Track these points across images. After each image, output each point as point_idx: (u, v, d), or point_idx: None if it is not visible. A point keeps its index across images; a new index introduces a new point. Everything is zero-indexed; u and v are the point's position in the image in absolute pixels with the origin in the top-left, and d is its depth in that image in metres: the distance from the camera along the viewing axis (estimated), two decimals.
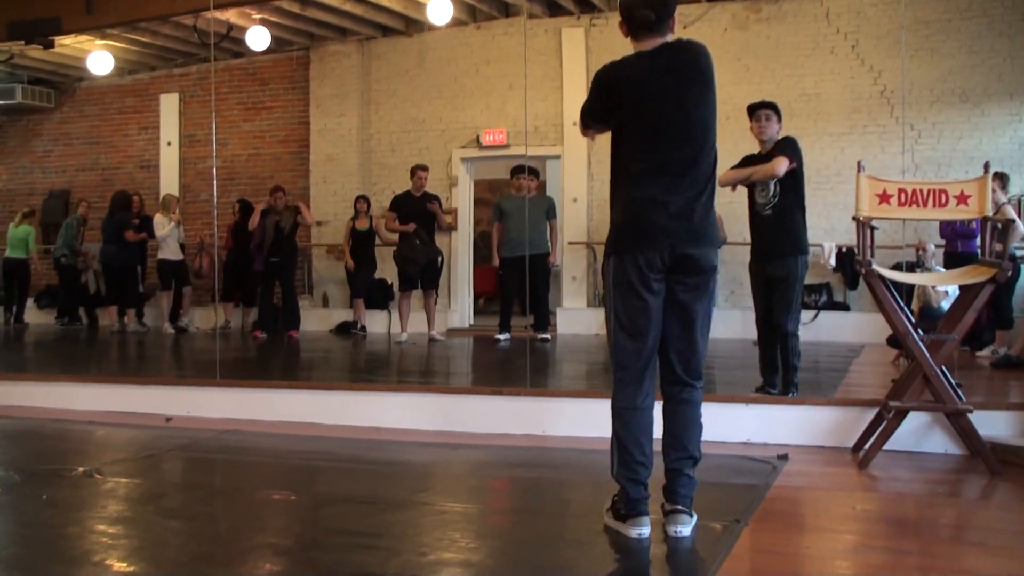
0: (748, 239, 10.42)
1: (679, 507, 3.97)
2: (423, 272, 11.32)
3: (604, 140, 4.18)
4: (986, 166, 5.57)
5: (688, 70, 4.02)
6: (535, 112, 13.23)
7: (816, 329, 11.31)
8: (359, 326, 12.81)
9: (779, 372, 6.54)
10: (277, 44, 13.74)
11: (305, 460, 5.98)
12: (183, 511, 4.79)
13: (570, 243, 13.03)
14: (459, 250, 13.82)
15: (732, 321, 11.75)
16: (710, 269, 3.96)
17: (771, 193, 6.50)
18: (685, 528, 3.92)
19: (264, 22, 12.89)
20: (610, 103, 4.04)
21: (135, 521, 4.55)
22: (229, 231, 13.34)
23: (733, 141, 12.06)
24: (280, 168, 14.75)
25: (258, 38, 12.89)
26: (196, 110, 15.22)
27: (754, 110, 6.77)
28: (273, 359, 10.56)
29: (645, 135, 3.95)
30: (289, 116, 14.97)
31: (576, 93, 13.17)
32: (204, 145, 14.98)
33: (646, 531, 3.91)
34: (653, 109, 3.93)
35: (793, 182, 6.51)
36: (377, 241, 12.73)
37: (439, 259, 11.60)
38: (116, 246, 13.16)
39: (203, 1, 10.28)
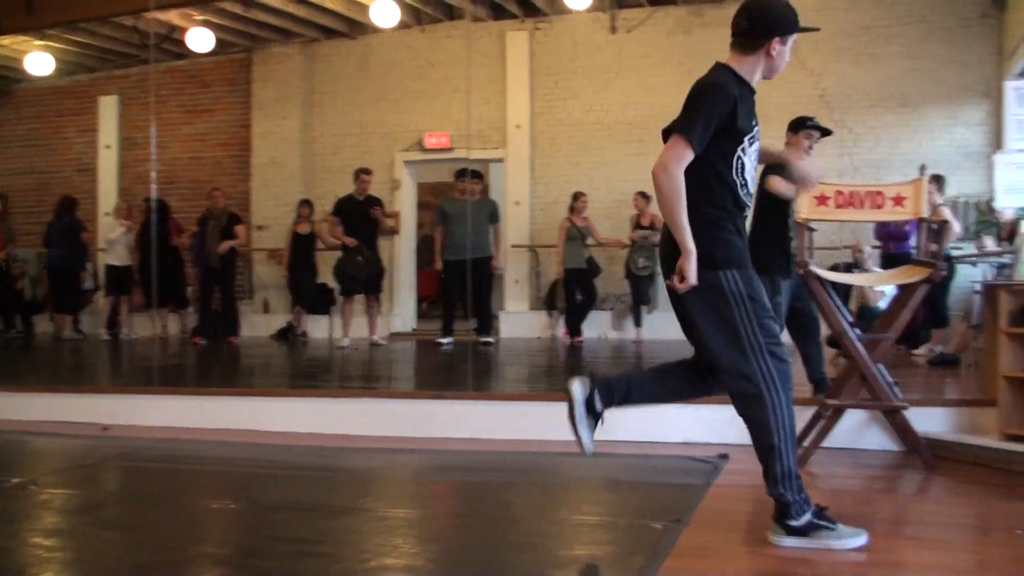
0: None
1: None
2: (366, 278, 11.29)
3: (550, 147, 4.17)
4: (922, 168, 5.65)
5: None
6: (479, 115, 13.24)
7: None
8: (300, 331, 12.73)
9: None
10: (219, 46, 13.58)
11: (245, 468, 5.90)
12: (121, 521, 4.70)
13: (513, 246, 13.05)
14: (402, 254, 13.78)
15: (673, 323, 11.81)
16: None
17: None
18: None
19: (206, 23, 12.76)
20: None
21: (72, 533, 4.46)
22: (138, 233, 13.00)
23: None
24: (221, 172, 14.61)
25: (200, 40, 12.76)
26: (136, 113, 15.00)
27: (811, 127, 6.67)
28: (212, 366, 10.44)
29: None
30: (230, 119, 14.83)
31: (519, 96, 13.22)
32: (143, 148, 14.75)
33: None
34: None
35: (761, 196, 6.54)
36: (319, 245, 12.64)
37: (381, 273, 11.56)
38: (64, 250, 12.96)
39: (144, 2, 10.17)
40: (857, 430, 5.74)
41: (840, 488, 5.10)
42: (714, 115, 3.80)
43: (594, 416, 4.20)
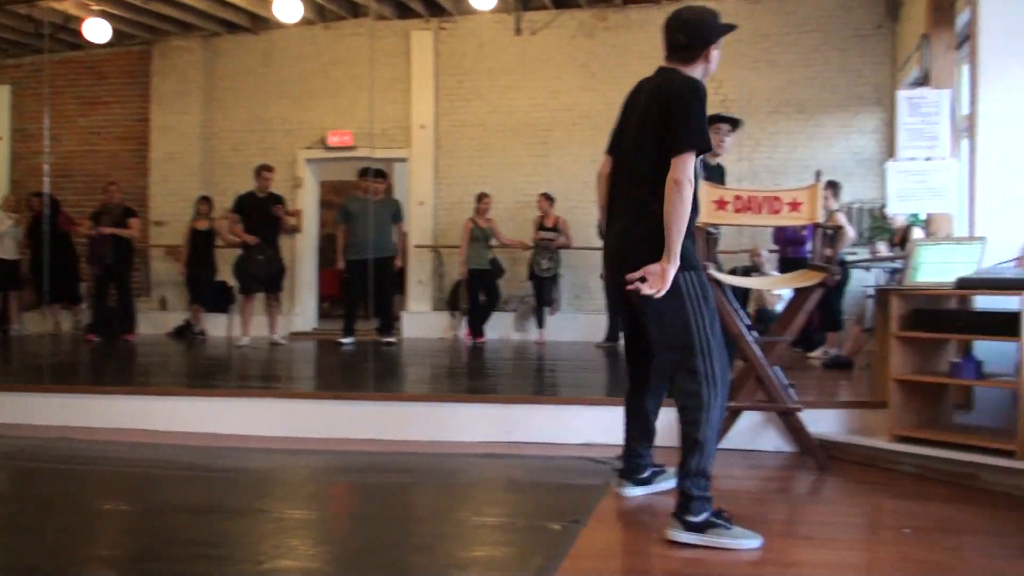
0: (591, 244, 10.58)
1: None
2: (266, 277, 11.16)
3: (454, 148, 4.17)
4: (817, 174, 5.76)
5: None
6: (383, 114, 13.17)
7: None
8: (199, 330, 12.52)
9: None
10: (117, 37, 13.25)
11: (140, 468, 5.77)
12: (8, 523, 4.57)
13: (416, 246, 13.00)
14: (304, 252, 13.63)
15: (576, 325, 11.95)
16: None
17: None
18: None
19: (104, 14, 12.45)
20: None
21: None
22: (28, 227, 12.63)
23: (579, 145, 12.36)
24: (118, 166, 14.25)
25: (97, 30, 12.43)
26: (29, 103, 14.56)
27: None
28: (107, 363, 10.20)
29: None
30: (128, 112, 14.48)
31: (424, 95, 13.18)
32: (37, 140, 14.32)
33: None
34: None
35: None
36: (219, 242, 12.44)
37: (282, 272, 11.43)
38: None
39: None
40: (753, 431, 5.83)
41: (736, 488, 5.17)
42: (704, 118, 4.01)
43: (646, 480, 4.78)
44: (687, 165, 3.85)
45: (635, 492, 4.77)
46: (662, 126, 3.97)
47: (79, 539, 4.24)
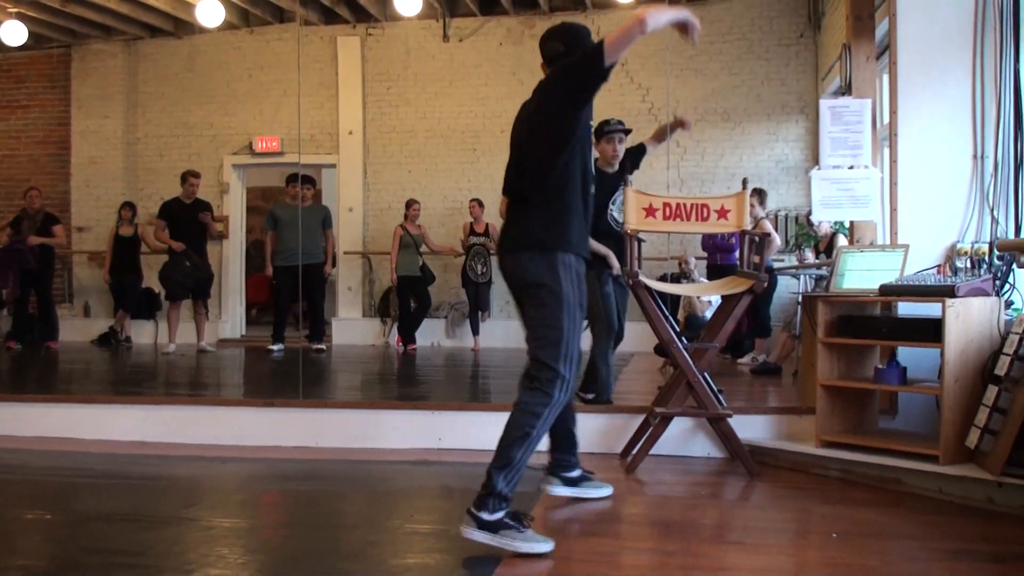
0: None
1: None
2: (194, 284, 11.02)
3: (383, 154, 4.17)
4: (744, 182, 5.83)
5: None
6: (310, 120, 13.09)
7: (585, 337, 11.57)
8: (124, 337, 12.32)
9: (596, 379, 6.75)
10: (35, 40, 13.02)
11: (62, 477, 5.66)
12: None
13: (346, 252, 12.93)
14: (231, 259, 13.48)
15: (508, 331, 11.93)
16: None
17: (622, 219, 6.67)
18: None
19: (20, 16, 12.21)
20: None
21: None
22: None
23: (507, 151, 12.35)
24: (38, 171, 13.98)
25: (13, 33, 12.20)
26: None
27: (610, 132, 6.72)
28: (29, 371, 9.99)
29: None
30: (48, 116, 14.22)
31: (352, 101, 13.13)
32: None
33: None
34: None
35: None
36: (144, 249, 12.25)
37: (209, 278, 11.29)
38: None
39: None
40: (683, 437, 5.87)
41: (667, 494, 5.21)
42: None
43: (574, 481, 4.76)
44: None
45: (562, 492, 4.79)
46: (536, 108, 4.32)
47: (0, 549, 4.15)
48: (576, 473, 4.83)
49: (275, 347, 10.93)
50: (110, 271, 12.27)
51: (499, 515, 3.89)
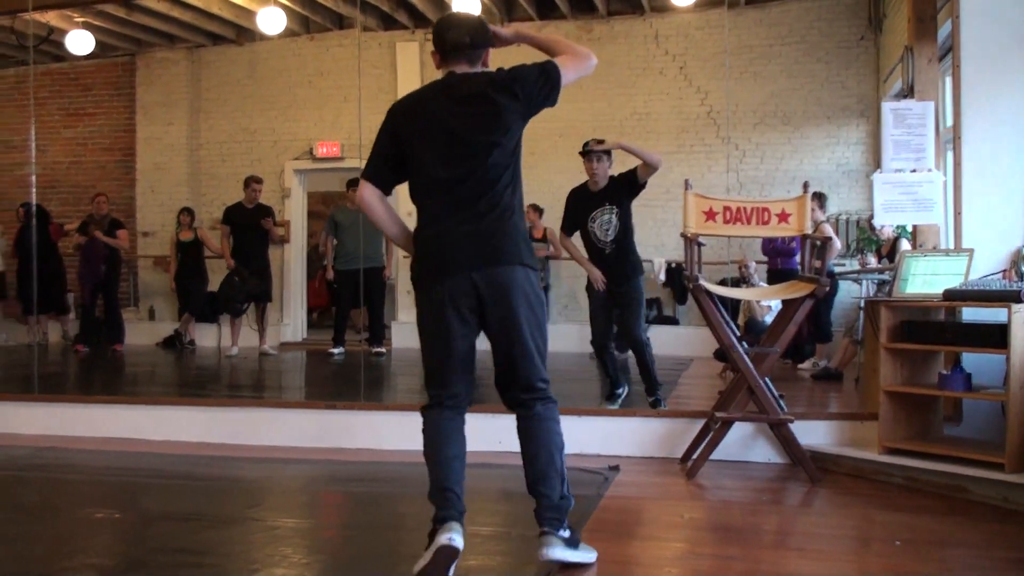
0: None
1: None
2: (246, 298, 11.16)
3: None
4: (805, 186, 5.80)
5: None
6: (370, 125, 12.96)
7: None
8: (188, 340, 12.49)
9: (621, 384, 7.07)
10: (101, 49, 13.24)
11: (130, 477, 5.77)
12: None
13: (405, 256, 12.91)
14: (292, 263, 13.61)
15: (568, 336, 11.92)
16: None
17: (611, 236, 6.92)
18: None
19: (87, 26, 12.43)
20: None
21: None
22: (14, 239, 12.62)
23: (565, 156, 12.37)
24: (104, 177, 14.23)
25: (80, 42, 12.40)
26: (12, 114, 14.47)
27: (587, 152, 7.03)
28: (96, 373, 10.18)
29: None
30: (114, 123, 14.48)
31: None
32: (21, 151, 14.26)
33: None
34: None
35: (627, 216, 6.96)
36: (207, 252, 12.42)
37: (265, 290, 11.38)
38: None
39: (21, 2, 9.86)
40: (744, 442, 5.85)
41: (727, 499, 5.20)
42: None
43: None
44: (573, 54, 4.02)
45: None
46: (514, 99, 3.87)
47: (70, 547, 4.24)
48: None
49: (336, 350, 11.02)
50: (175, 275, 12.46)
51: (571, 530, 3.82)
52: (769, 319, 8.57)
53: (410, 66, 13.23)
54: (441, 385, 3.89)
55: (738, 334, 5.85)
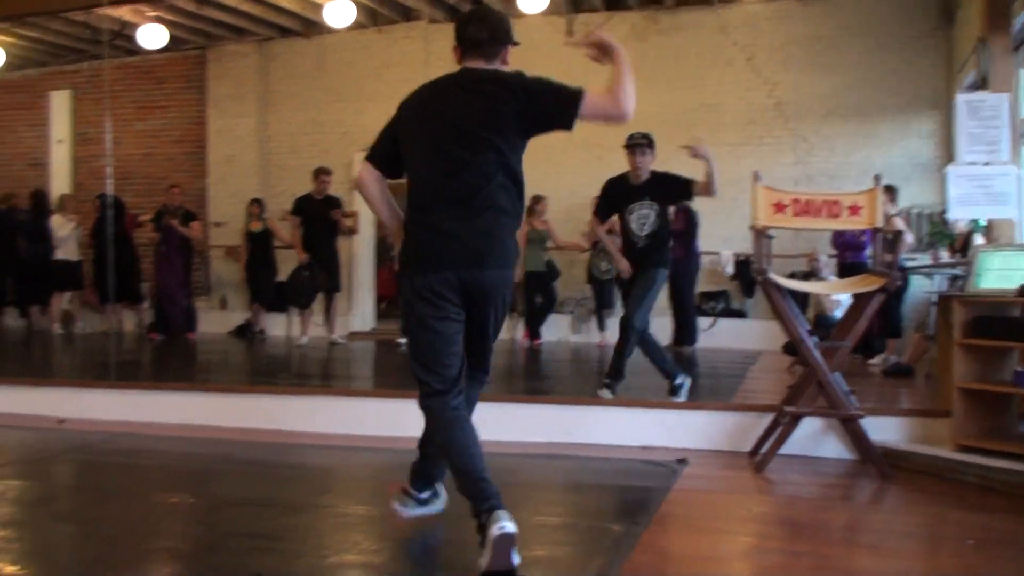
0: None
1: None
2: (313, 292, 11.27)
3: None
4: (876, 179, 5.72)
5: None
6: None
7: (714, 336, 11.53)
8: (258, 329, 12.66)
9: (677, 373, 6.94)
10: (173, 43, 13.44)
11: (203, 463, 5.88)
12: (76, 514, 4.69)
13: None
14: (361, 253, 13.73)
15: None
16: None
17: (646, 231, 6.96)
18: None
19: (159, 20, 12.64)
20: None
21: (27, 524, 4.44)
22: (91, 229, 12.88)
23: None
24: (176, 168, 14.48)
25: (152, 36, 12.62)
26: (88, 108, 14.83)
27: (632, 145, 7.07)
28: (169, 361, 10.37)
29: None
30: (185, 116, 14.72)
31: None
32: (97, 144, 14.50)
33: None
34: None
35: (665, 214, 7.04)
36: (277, 243, 12.57)
37: (333, 283, 11.48)
38: (37, 243, 12.86)
39: None
40: (813, 438, 5.80)
41: (796, 494, 5.17)
42: None
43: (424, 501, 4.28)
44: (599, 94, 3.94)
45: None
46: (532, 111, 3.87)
47: (144, 531, 4.33)
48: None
49: (404, 340, 11.09)
50: (246, 265, 12.63)
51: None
52: (838, 314, 8.48)
53: None
54: (440, 373, 3.83)
55: (808, 328, 5.80)
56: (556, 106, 3.87)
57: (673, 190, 6.96)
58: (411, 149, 3.92)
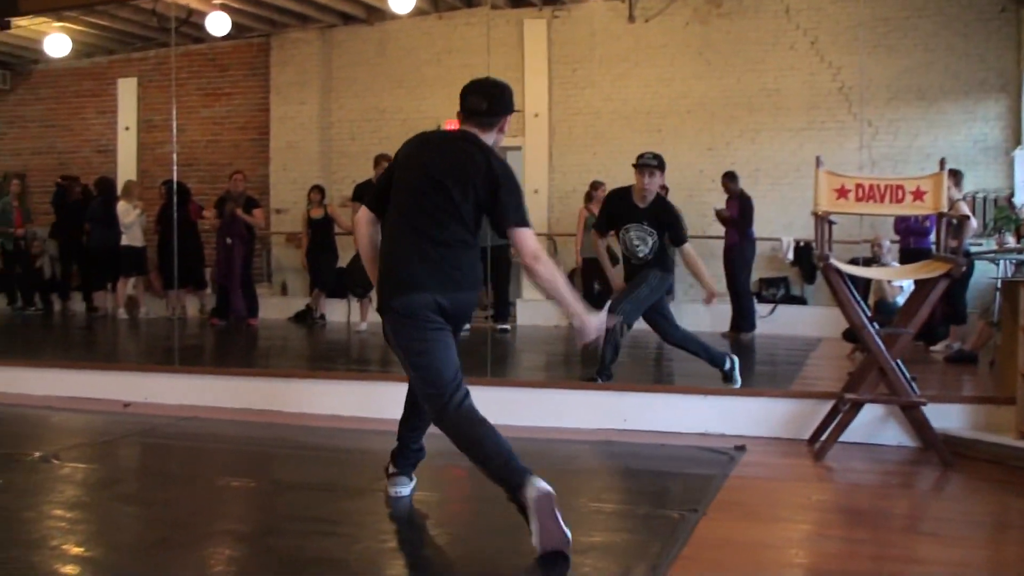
0: (707, 232, 10.52)
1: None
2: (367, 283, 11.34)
3: (568, 136, 4.17)
4: (941, 163, 5.64)
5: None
6: None
7: (773, 322, 11.44)
8: (318, 314, 12.77)
9: (724, 359, 6.92)
10: (237, 30, 13.62)
11: (264, 447, 5.96)
12: (141, 497, 4.78)
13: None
14: None
15: (695, 314, 11.83)
16: None
17: (641, 253, 6.92)
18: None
19: (224, 7, 12.77)
20: None
21: (92, 506, 4.53)
22: (156, 215, 13.03)
23: (694, 132, 12.29)
24: (239, 155, 14.64)
25: (218, 23, 12.76)
26: (154, 95, 15.02)
27: (642, 165, 7.00)
28: (231, 346, 10.51)
29: None
30: (249, 103, 14.86)
31: (538, 84, 13.23)
32: (162, 131, 14.74)
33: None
34: None
35: (663, 241, 6.94)
36: (337, 229, 12.67)
37: None
38: (104, 229, 13.08)
39: None
40: (874, 425, 5.73)
41: (856, 482, 5.12)
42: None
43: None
44: (533, 238, 4.14)
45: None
46: (489, 198, 4.06)
47: (207, 513, 4.41)
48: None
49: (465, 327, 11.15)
50: (307, 252, 12.73)
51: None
52: (900, 300, 8.38)
53: (537, 43, 13.26)
54: (456, 377, 4.12)
55: (869, 314, 5.74)
56: (511, 198, 4.11)
57: (668, 230, 6.93)
58: (397, 187, 4.18)
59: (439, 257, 4.02)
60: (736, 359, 6.90)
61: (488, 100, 4.15)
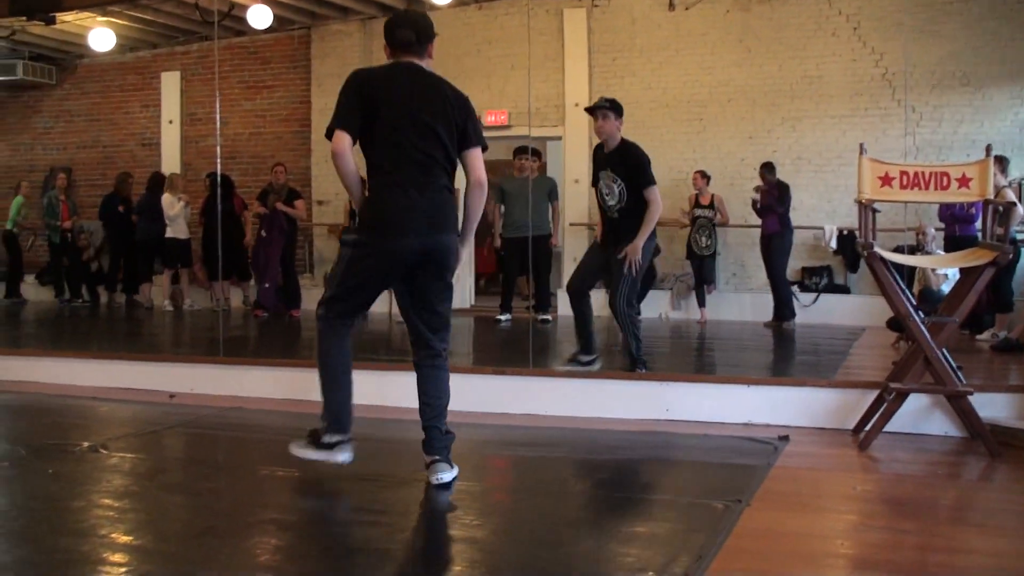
0: (748, 221, 10.46)
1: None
2: None
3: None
4: (987, 149, 5.58)
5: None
6: (537, 93, 13.22)
7: (817, 312, 11.37)
8: None
9: (591, 345, 7.03)
10: (278, 23, 13.67)
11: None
12: (187, 486, 4.83)
13: (571, 224, 13.02)
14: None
15: (738, 304, 11.79)
16: None
17: (612, 203, 6.87)
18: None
19: (265, 0, 12.85)
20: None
21: (140, 495, 4.59)
22: (200, 208, 13.15)
23: (735, 121, 12.21)
24: (281, 147, 14.71)
25: (259, 16, 12.85)
26: (197, 88, 15.17)
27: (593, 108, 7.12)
28: (275, 337, 10.58)
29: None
30: (290, 95, 14.93)
31: (578, 73, 13.19)
32: (205, 124, 14.93)
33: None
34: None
35: (635, 191, 6.83)
36: None
37: None
38: (153, 222, 13.22)
39: None
40: (920, 415, 5.69)
41: (902, 472, 5.09)
42: None
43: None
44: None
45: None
46: (462, 125, 4.62)
47: (253, 503, 4.46)
48: None
49: (503, 317, 11.17)
50: None
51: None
52: (946, 288, 8.29)
53: (577, 33, 13.22)
54: (349, 315, 5.00)
55: (914, 303, 5.69)
56: (473, 124, 4.70)
57: (632, 173, 6.85)
58: (383, 127, 4.52)
59: (426, 204, 4.44)
60: (597, 362, 6.99)
61: (415, 30, 4.58)
